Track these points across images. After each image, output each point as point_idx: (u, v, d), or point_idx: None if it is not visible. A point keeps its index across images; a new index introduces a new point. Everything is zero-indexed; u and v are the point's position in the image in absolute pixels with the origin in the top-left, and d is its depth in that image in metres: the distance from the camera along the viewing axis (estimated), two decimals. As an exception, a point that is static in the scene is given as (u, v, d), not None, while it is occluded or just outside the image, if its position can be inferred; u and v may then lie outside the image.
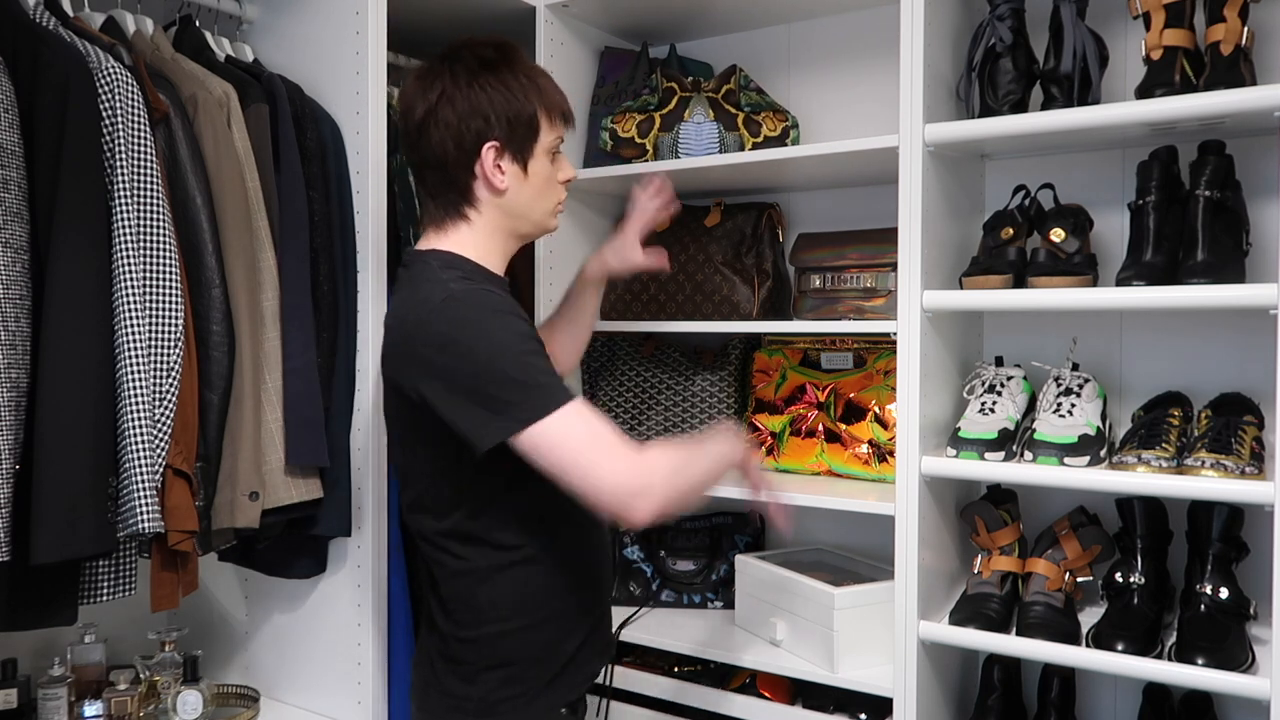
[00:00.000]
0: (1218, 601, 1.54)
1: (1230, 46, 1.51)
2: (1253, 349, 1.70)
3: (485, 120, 1.36)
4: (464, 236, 1.41)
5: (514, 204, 1.41)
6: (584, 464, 1.25)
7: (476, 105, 1.36)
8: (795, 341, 2.10)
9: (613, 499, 1.25)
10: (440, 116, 1.36)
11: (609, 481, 1.25)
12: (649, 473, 1.26)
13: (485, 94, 1.36)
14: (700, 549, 2.15)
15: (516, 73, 1.39)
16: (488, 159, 1.37)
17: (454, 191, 1.40)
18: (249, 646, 1.96)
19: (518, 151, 1.39)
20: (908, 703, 1.65)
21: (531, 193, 1.42)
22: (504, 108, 1.37)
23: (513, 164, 1.39)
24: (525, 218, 1.43)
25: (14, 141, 1.35)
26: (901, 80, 1.64)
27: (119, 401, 1.40)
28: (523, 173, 1.40)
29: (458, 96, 1.36)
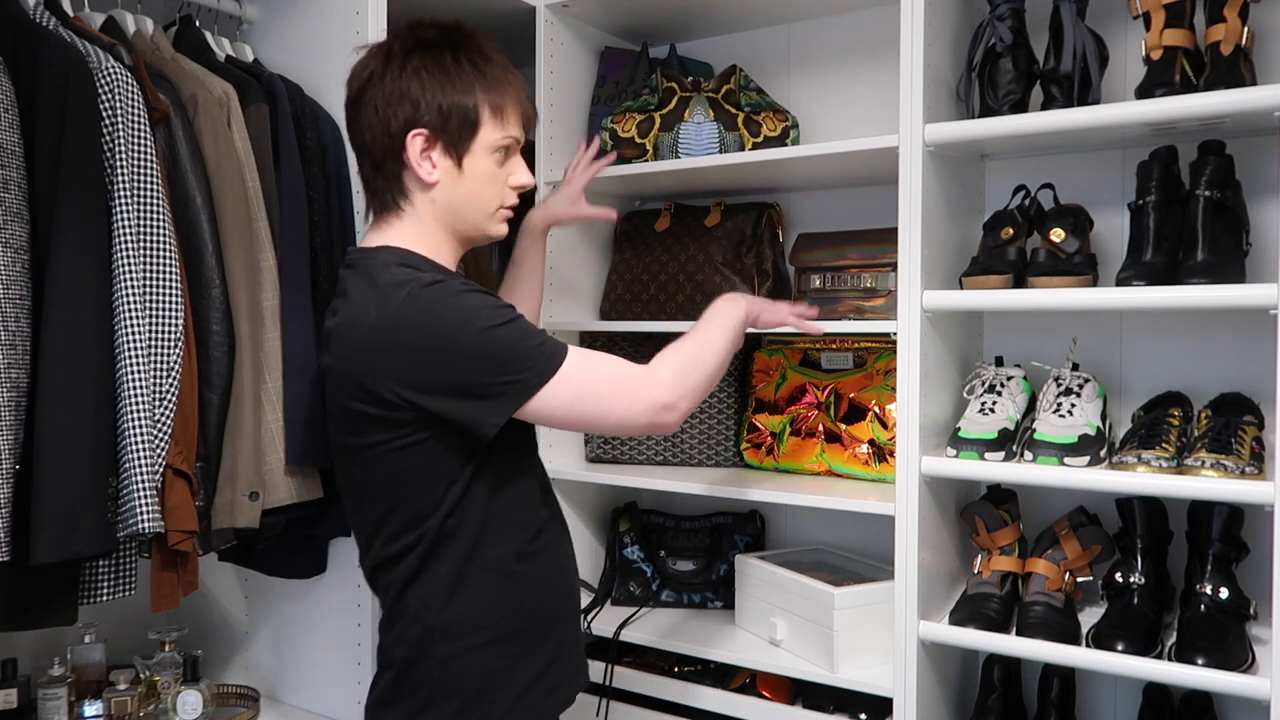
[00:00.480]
0: (1218, 601, 1.54)
1: (1230, 46, 1.51)
2: (1253, 349, 1.70)
3: (415, 106, 1.28)
4: (404, 230, 1.33)
5: (446, 200, 1.32)
6: (603, 408, 1.27)
7: (406, 90, 1.28)
8: (795, 341, 2.10)
9: (640, 424, 1.29)
10: (369, 98, 1.30)
11: (631, 411, 1.28)
12: (665, 383, 1.29)
13: (418, 79, 1.28)
14: (700, 549, 2.15)
15: (461, 59, 1.30)
16: (413, 148, 1.29)
17: (383, 179, 1.32)
18: (249, 646, 1.96)
19: (451, 145, 1.30)
20: (908, 703, 1.65)
21: (466, 192, 1.33)
22: (436, 95, 1.28)
23: (445, 157, 1.31)
24: (461, 216, 1.34)
25: (14, 141, 1.35)
26: (901, 80, 1.64)
27: (119, 401, 1.40)
28: (456, 168, 1.31)
29: (388, 78, 1.29)
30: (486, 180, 1.34)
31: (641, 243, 2.17)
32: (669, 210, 2.17)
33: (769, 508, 2.19)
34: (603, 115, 2.13)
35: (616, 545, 2.14)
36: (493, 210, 1.36)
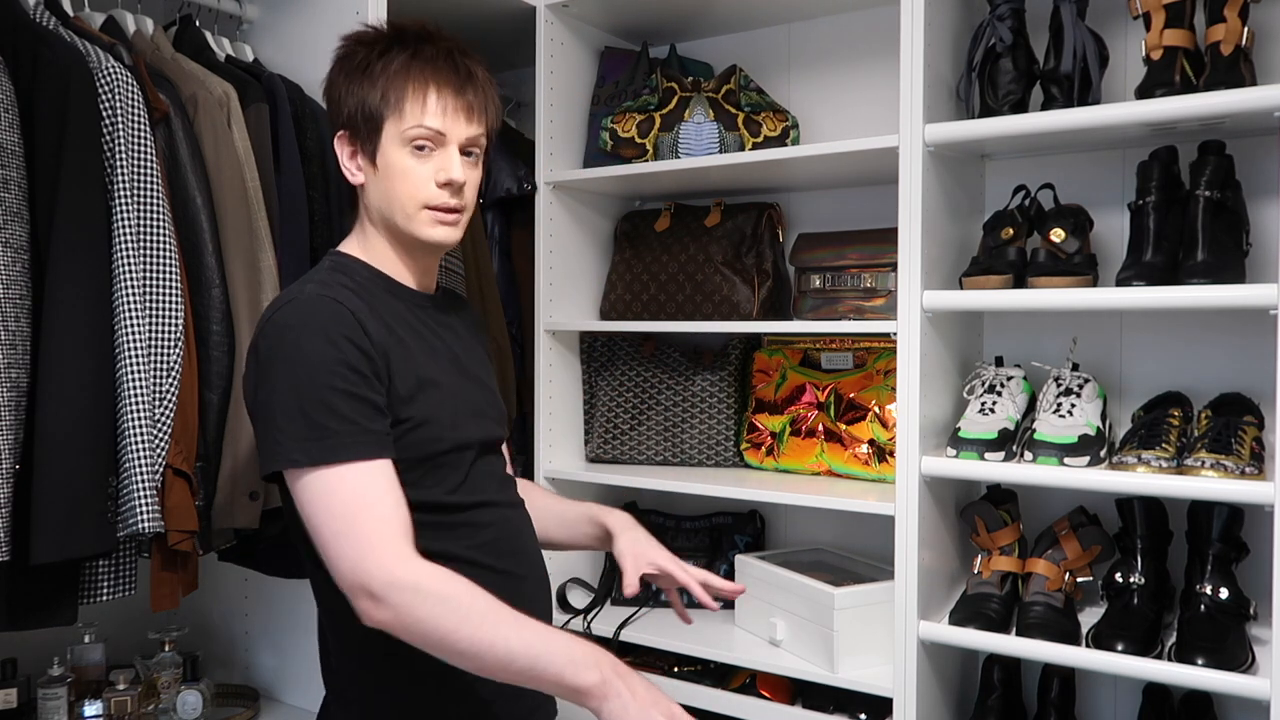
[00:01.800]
0: (1218, 601, 1.54)
1: (1230, 46, 1.51)
2: (1253, 349, 1.70)
3: (336, 108, 1.27)
4: (358, 235, 1.31)
5: (375, 203, 1.27)
6: (329, 535, 1.09)
7: (330, 96, 1.29)
8: (795, 341, 2.10)
9: (345, 585, 1.08)
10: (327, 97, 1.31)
11: (347, 565, 1.08)
12: (398, 580, 1.06)
13: (335, 84, 1.27)
14: (700, 549, 2.15)
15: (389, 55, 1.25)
16: (342, 152, 1.28)
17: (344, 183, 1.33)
18: (249, 646, 1.96)
19: (364, 142, 1.26)
20: (908, 703, 1.65)
21: (383, 190, 1.25)
22: (348, 96, 1.25)
23: (362, 156, 1.27)
24: (388, 216, 1.26)
25: (14, 141, 1.35)
26: (901, 80, 1.64)
27: (119, 401, 1.40)
28: (371, 166, 1.26)
29: (328, 84, 1.29)
30: (399, 176, 1.24)
31: (641, 243, 2.17)
32: (669, 210, 2.17)
33: (769, 508, 2.19)
34: (603, 115, 2.13)
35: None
36: (413, 210, 1.24)
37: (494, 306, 2.19)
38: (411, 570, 1.08)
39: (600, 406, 2.18)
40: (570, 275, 2.17)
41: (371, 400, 1.15)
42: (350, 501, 1.10)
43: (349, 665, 1.24)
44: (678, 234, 2.12)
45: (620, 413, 2.16)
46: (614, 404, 2.17)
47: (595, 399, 2.20)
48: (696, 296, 2.05)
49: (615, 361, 2.21)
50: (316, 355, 1.13)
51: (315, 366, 1.12)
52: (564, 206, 2.14)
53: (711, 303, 2.03)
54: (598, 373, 2.22)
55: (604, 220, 2.26)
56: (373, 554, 1.07)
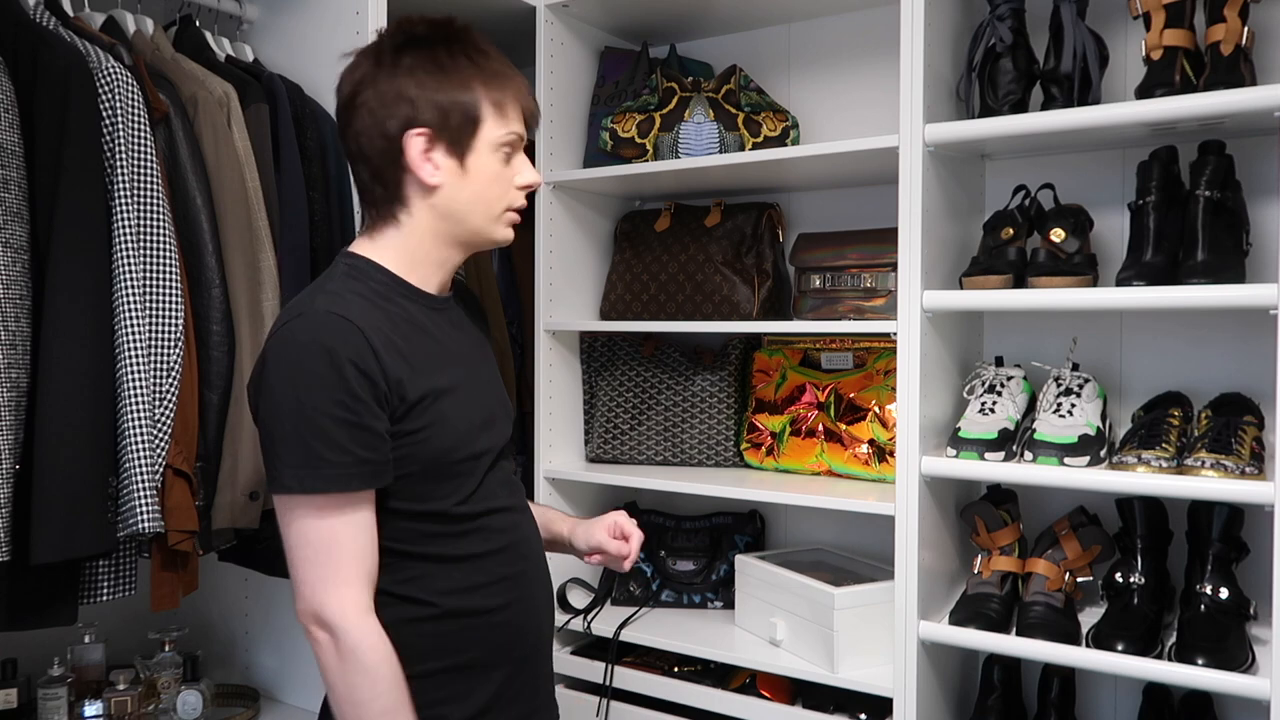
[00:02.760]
0: (1218, 601, 1.54)
1: (1230, 46, 1.51)
2: (1253, 349, 1.70)
3: (411, 105, 1.19)
4: (391, 242, 1.24)
5: (449, 204, 1.23)
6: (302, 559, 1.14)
7: (400, 89, 1.19)
8: (795, 341, 2.10)
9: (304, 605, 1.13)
10: (361, 101, 1.21)
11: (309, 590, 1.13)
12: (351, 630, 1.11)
13: (412, 77, 1.19)
14: (700, 549, 2.15)
15: (455, 53, 1.22)
16: (414, 149, 1.20)
17: (381, 187, 1.22)
18: (249, 646, 1.96)
19: (453, 143, 1.21)
20: (908, 703, 1.65)
21: (471, 193, 1.23)
22: (434, 91, 1.19)
23: (448, 157, 1.21)
24: (463, 222, 1.24)
25: (14, 141, 1.35)
26: (901, 80, 1.64)
27: (119, 401, 1.40)
28: (460, 168, 1.22)
29: (380, 78, 1.20)
30: (492, 180, 1.24)
31: (641, 243, 2.17)
32: (669, 210, 2.17)
33: (769, 508, 2.19)
34: (603, 115, 2.13)
35: (616, 545, 2.14)
36: (499, 213, 1.26)
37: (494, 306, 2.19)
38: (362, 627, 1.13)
39: (600, 407, 2.18)
40: (570, 275, 2.17)
41: (372, 428, 1.14)
42: (330, 532, 1.13)
43: None
44: (678, 234, 2.12)
45: (620, 413, 2.16)
46: (614, 404, 2.17)
47: (595, 399, 2.20)
48: (697, 296, 2.05)
49: (615, 361, 2.21)
50: (320, 381, 1.12)
51: (317, 393, 1.11)
52: (564, 206, 2.14)
53: (711, 303, 2.03)
54: (598, 373, 2.22)
55: (604, 220, 2.26)
56: (337, 591, 1.12)
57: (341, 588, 1.13)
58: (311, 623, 1.13)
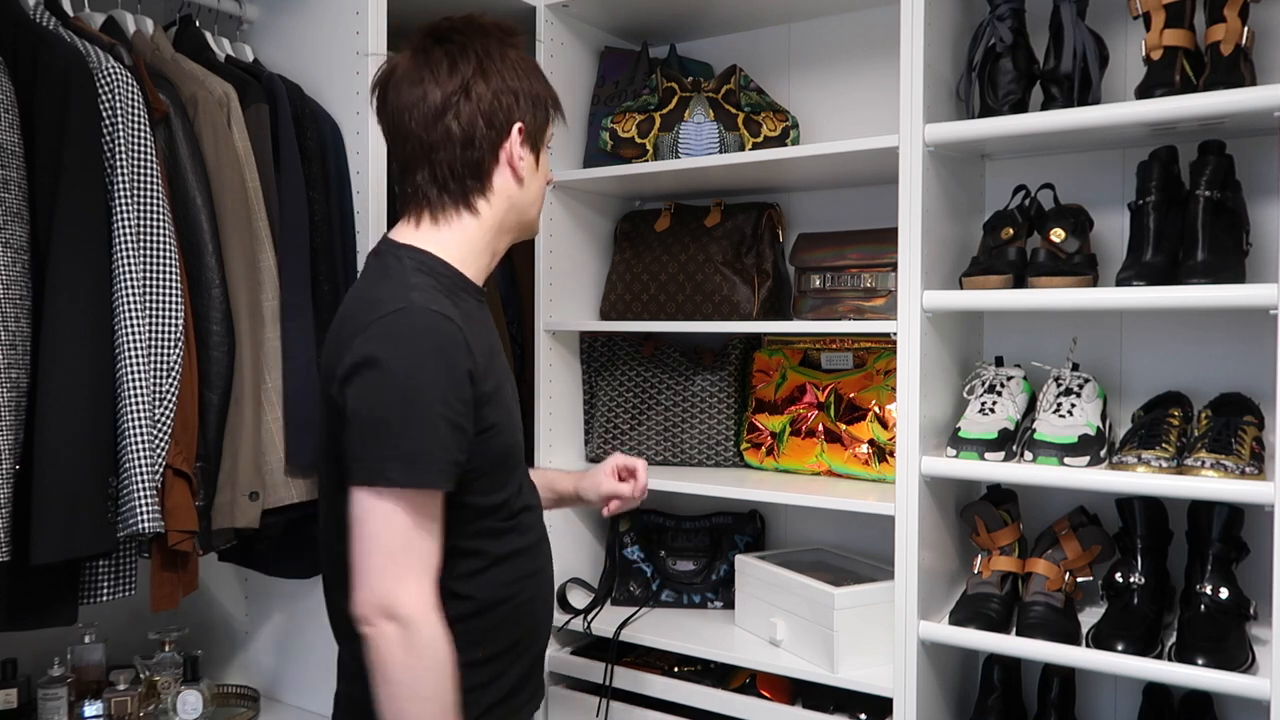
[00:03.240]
0: (1218, 601, 1.54)
1: (1230, 46, 1.50)
2: (1253, 349, 1.70)
3: (516, 98, 1.26)
4: (459, 233, 1.27)
5: (524, 196, 1.31)
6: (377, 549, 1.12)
7: (509, 82, 1.26)
8: (795, 341, 2.10)
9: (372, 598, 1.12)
10: (473, 91, 1.24)
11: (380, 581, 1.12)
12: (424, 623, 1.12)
13: (516, 71, 1.27)
14: (700, 549, 2.15)
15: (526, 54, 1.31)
16: (514, 142, 1.26)
17: (471, 177, 1.26)
18: (249, 646, 1.96)
19: (535, 138, 1.30)
20: (908, 703, 1.65)
21: (537, 186, 1.33)
22: (530, 87, 1.28)
23: (530, 153, 1.29)
24: (526, 212, 1.33)
25: (14, 141, 1.35)
26: (901, 80, 1.64)
27: (119, 401, 1.40)
28: (535, 164, 1.31)
29: (491, 72, 1.25)
30: (544, 174, 1.34)
31: (641, 243, 2.17)
32: (669, 210, 2.17)
33: (769, 508, 2.19)
34: (603, 115, 2.13)
35: (616, 545, 2.14)
36: (542, 204, 1.37)
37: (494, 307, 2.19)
38: (435, 623, 1.14)
39: (600, 407, 2.18)
40: (570, 275, 2.17)
41: (465, 429, 1.17)
42: (414, 528, 1.14)
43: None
44: (678, 234, 2.12)
45: (620, 413, 2.16)
46: (614, 404, 2.17)
47: (595, 399, 2.20)
48: (697, 296, 2.05)
49: (615, 362, 2.21)
50: (433, 380, 1.14)
51: (430, 392, 1.13)
52: (564, 206, 2.14)
53: (711, 303, 2.03)
54: (598, 373, 2.22)
55: (604, 220, 2.26)
56: (413, 585, 1.13)
57: (417, 583, 1.13)
58: (378, 615, 1.11)
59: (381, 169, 1.76)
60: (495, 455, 1.24)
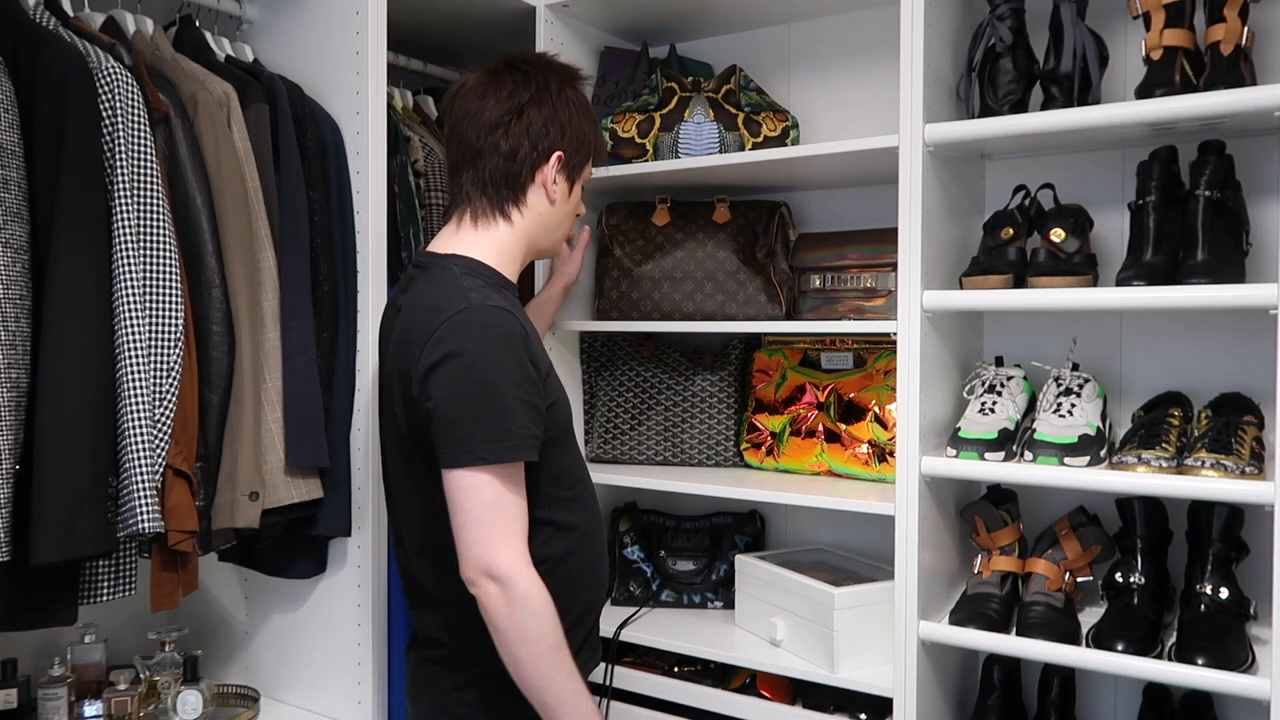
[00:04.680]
0: (1218, 601, 1.54)
1: (1230, 46, 1.51)
2: (1253, 349, 1.70)
3: (562, 132, 1.46)
4: (495, 237, 1.45)
5: (551, 217, 1.49)
6: (475, 521, 1.29)
7: (559, 116, 1.45)
8: (795, 341, 2.10)
9: (477, 562, 1.29)
10: (526, 115, 1.43)
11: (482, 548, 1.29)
12: (521, 578, 1.29)
13: (569, 110, 1.46)
14: (700, 549, 2.15)
15: (586, 100, 1.51)
16: (552, 167, 1.46)
17: (509, 187, 1.45)
18: (249, 646, 1.96)
19: (572, 170, 1.49)
20: (908, 703, 1.65)
21: (565, 213, 1.51)
22: (577, 128, 1.47)
23: (565, 181, 1.48)
24: (550, 235, 1.52)
25: (14, 141, 1.35)
26: (901, 80, 1.64)
27: (119, 401, 1.40)
28: (569, 192, 1.50)
29: (545, 103, 1.44)
30: (574, 207, 1.54)
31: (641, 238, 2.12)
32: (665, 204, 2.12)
33: (769, 508, 2.19)
34: (603, 115, 2.12)
35: (616, 545, 2.14)
36: (566, 233, 1.56)
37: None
38: (529, 577, 1.30)
39: (600, 406, 2.18)
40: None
41: (538, 407, 1.35)
42: (504, 497, 1.30)
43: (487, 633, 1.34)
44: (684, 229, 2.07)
45: (620, 413, 2.16)
46: (614, 404, 2.17)
47: (595, 399, 2.20)
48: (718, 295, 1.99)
49: (615, 361, 2.21)
50: (503, 366, 1.31)
51: (502, 377, 1.30)
52: (564, 206, 2.13)
53: (736, 302, 1.98)
54: (598, 373, 2.22)
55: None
56: (507, 547, 1.30)
57: (509, 544, 1.30)
58: (482, 577, 1.29)
59: (381, 170, 1.76)
60: (559, 426, 1.42)
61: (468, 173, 1.45)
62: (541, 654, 1.30)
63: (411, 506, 1.44)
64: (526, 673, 1.30)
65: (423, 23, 2.10)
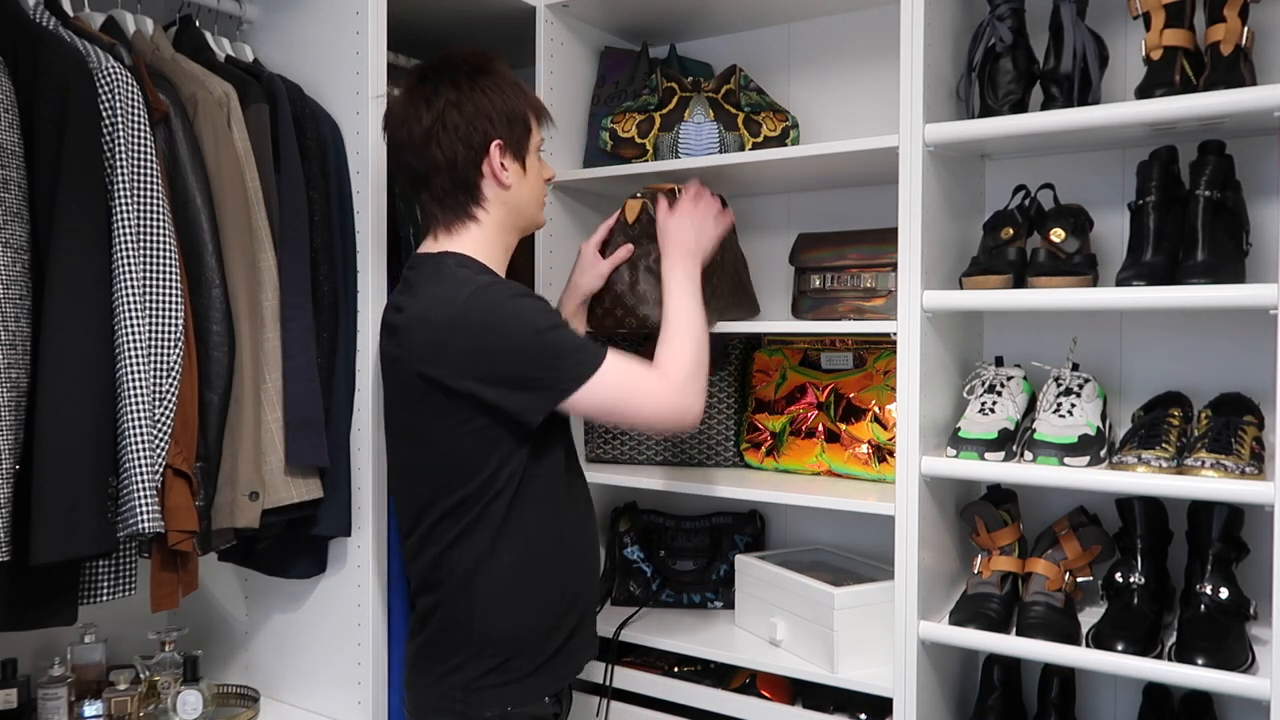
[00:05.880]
0: (1218, 601, 1.54)
1: (1230, 46, 1.51)
2: (1253, 349, 1.70)
3: (490, 121, 1.46)
4: (472, 237, 1.50)
5: (516, 200, 1.52)
6: (632, 410, 1.44)
7: (480, 107, 1.46)
8: (795, 341, 2.10)
9: (664, 427, 1.47)
10: (449, 121, 1.45)
11: (657, 416, 1.45)
12: (682, 390, 1.45)
13: (486, 97, 1.46)
14: (700, 549, 2.15)
15: (505, 76, 1.50)
16: (495, 157, 1.47)
17: (463, 193, 1.48)
18: (249, 646, 1.96)
19: (517, 150, 1.50)
20: (908, 703, 1.65)
21: (529, 189, 1.54)
22: (503, 108, 1.47)
23: (514, 162, 1.50)
24: (523, 213, 1.55)
25: (14, 141, 1.35)
26: (901, 80, 1.64)
27: (119, 401, 1.40)
28: (522, 170, 1.51)
29: (463, 101, 1.46)
30: (538, 177, 1.55)
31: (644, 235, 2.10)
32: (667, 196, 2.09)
33: (769, 508, 2.19)
34: (603, 115, 2.13)
35: (616, 545, 2.14)
36: (541, 202, 1.58)
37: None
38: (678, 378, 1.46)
39: (600, 406, 2.18)
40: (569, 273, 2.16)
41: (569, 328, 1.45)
42: (623, 381, 1.43)
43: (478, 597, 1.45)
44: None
45: (620, 413, 2.16)
46: (614, 404, 2.17)
47: (595, 399, 2.20)
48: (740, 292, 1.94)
49: (615, 361, 2.20)
50: (532, 310, 1.41)
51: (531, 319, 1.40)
52: (564, 206, 2.14)
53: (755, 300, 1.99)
54: (598, 373, 2.21)
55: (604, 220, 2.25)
56: (664, 395, 1.45)
57: (657, 384, 1.45)
58: (677, 417, 1.46)
59: (382, 169, 1.76)
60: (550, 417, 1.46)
61: (424, 193, 1.50)
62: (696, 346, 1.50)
63: (409, 496, 1.51)
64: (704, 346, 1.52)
65: (423, 23, 2.10)
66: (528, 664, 1.46)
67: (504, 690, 1.44)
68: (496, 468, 1.42)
